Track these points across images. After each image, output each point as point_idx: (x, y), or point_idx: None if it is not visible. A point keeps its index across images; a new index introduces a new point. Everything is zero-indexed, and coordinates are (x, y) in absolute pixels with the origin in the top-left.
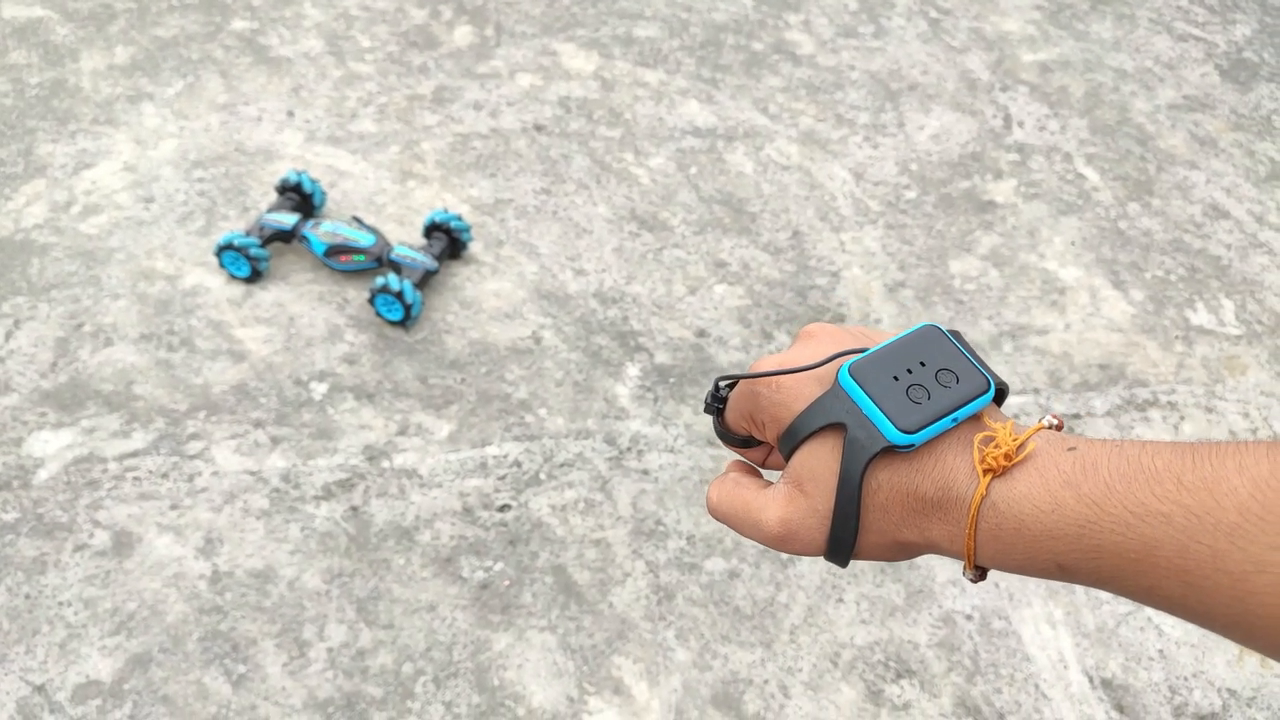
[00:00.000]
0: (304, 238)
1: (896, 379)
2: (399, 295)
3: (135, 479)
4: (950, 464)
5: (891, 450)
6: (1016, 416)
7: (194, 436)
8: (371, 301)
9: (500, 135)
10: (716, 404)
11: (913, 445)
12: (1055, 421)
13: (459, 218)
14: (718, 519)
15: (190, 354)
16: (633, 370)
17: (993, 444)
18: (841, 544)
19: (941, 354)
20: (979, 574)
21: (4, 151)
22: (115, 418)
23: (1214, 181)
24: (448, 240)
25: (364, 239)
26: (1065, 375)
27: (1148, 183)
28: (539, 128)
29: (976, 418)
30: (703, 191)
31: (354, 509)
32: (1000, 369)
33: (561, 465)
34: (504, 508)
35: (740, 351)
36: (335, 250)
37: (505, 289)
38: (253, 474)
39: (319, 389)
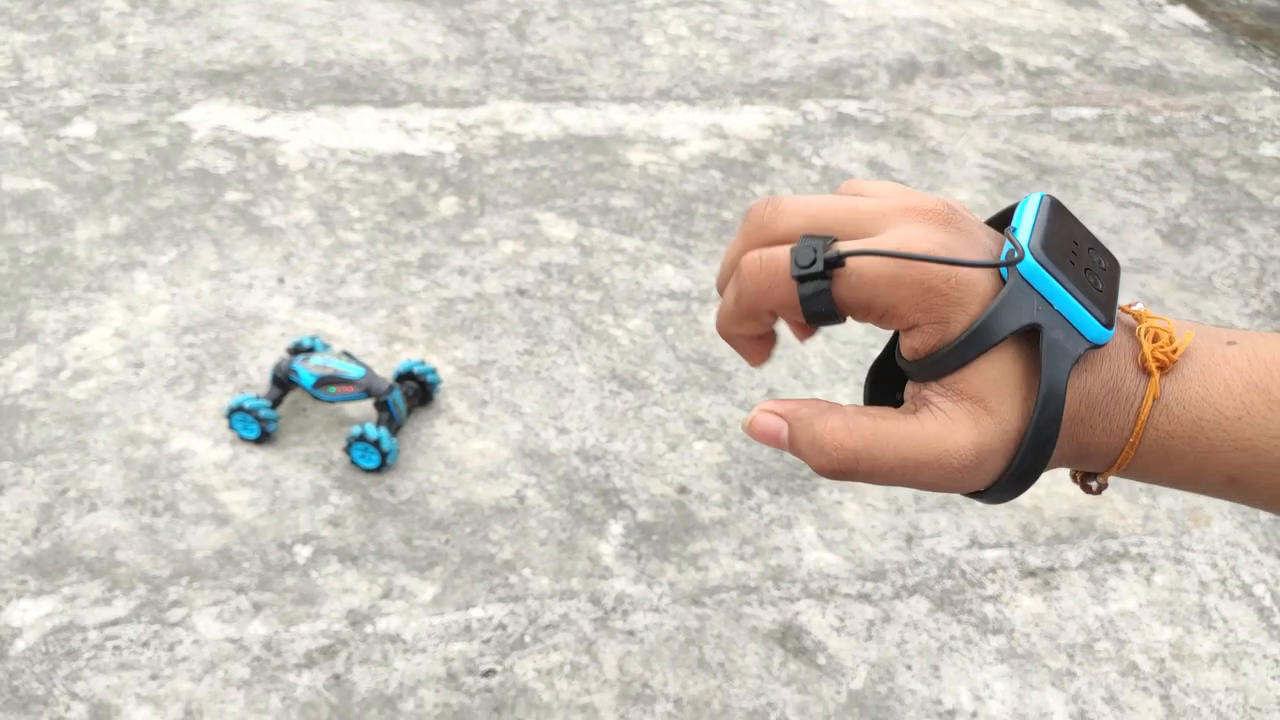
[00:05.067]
0: (293, 370)
1: (1072, 263)
2: (376, 444)
3: (115, 648)
4: (1114, 362)
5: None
6: (993, 571)
7: (175, 604)
8: (347, 450)
9: (484, 299)
10: (827, 267)
11: (1107, 342)
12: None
13: (422, 362)
14: (849, 466)
15: (175, 519)
16: (616, 528)
17: (1155, 340)
18: (1031, 471)
19: (1078, 231)
20: (1104, 485)
21: None
22: (97, 585)
23: None
24: (419, 388)
25: (353, 371)
26: (1038, 528)
27: None
28: (521, 292)
29: None
30: (679, 351)
31: (336, 677)
32: (974, 523)
33: (546, 627)
34: (489, 672)
35: (721, 508)
36: (324, 381)
37: (489, 448)
38: (234, 642)
39: (303, 552)
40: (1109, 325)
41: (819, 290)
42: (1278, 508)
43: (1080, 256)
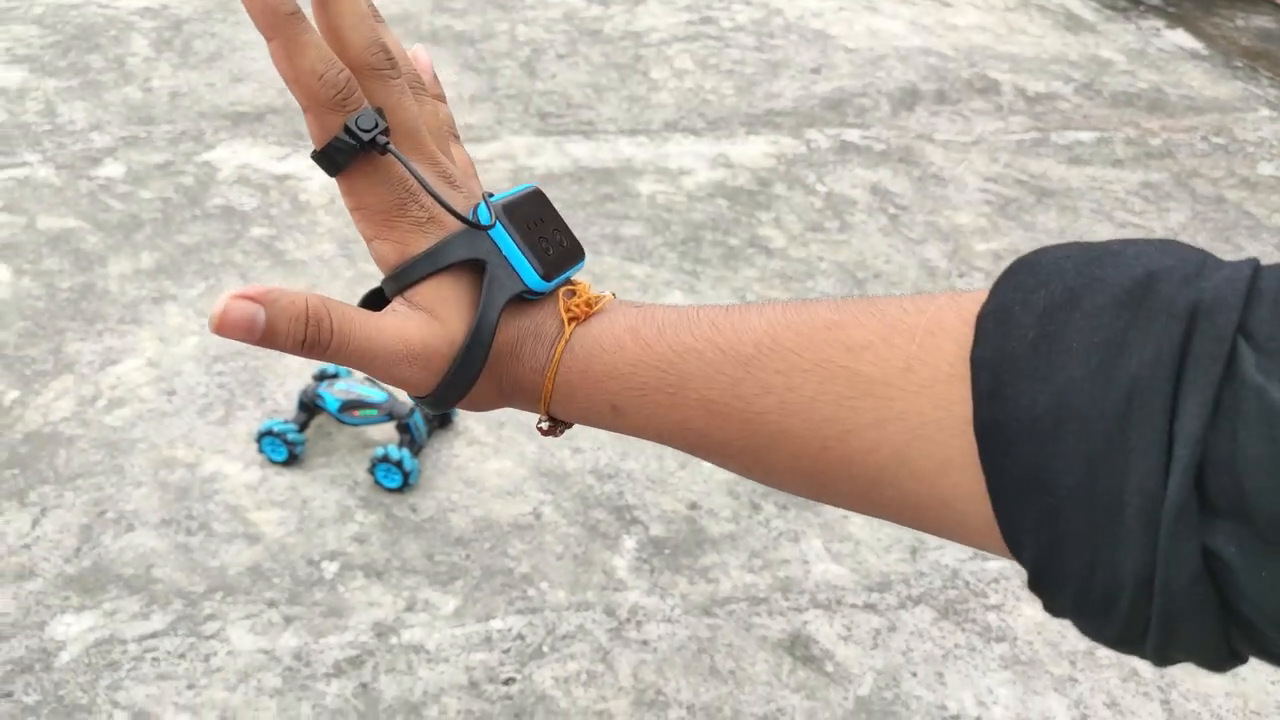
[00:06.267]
0: (319, 396)
1: (530, 229)
2: (399, 464)
3: (154, 659)
4: (545, 312)
5: (520, 297)
6: (996, 581)
7: (210, 617)
8: (371, 471)
9: None
10: (371, 147)
11: (542, 293)
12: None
13: None
14: (318, 335)
15: (208, 537)
16: (629, 543)
17: (574, 296)
18: (459, 383)
19: (552, 216)
20: (553, 425)
21: (35, 350)
22: (135, 600)
23: None
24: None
25: (376, 396)
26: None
27: None
28: None
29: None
30: None
31: (363, 685)
32: None
33: (563, 637)
34: (509, 681)
35: (731, 523)
36: (348, 406)
37: (507, 468)
38: (266, 653)
39: (330, 568)
40: (546, 280)
41: (348, 150)
42: (648, 433)
43: (544, 232)
